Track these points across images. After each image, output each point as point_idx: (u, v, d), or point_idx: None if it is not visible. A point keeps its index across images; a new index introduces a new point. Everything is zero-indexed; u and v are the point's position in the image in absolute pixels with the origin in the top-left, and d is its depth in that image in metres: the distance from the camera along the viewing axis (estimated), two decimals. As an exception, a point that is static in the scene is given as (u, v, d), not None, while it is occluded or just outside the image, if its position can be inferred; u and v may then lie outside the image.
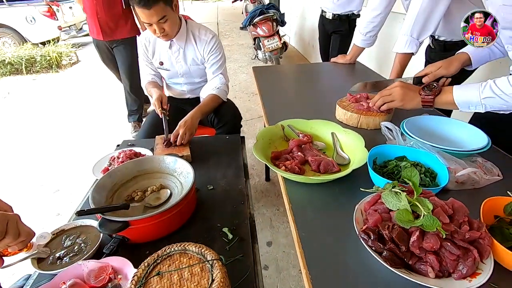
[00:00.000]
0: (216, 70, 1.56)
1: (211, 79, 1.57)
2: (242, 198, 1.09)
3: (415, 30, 1.23)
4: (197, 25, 1.56)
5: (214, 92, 1.51)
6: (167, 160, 1.11)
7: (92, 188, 0.94)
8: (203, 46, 1.53)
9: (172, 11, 1.36)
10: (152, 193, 1.03)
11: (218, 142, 1.47)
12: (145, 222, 0.85)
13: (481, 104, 0.77)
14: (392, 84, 0.92)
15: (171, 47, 1.53)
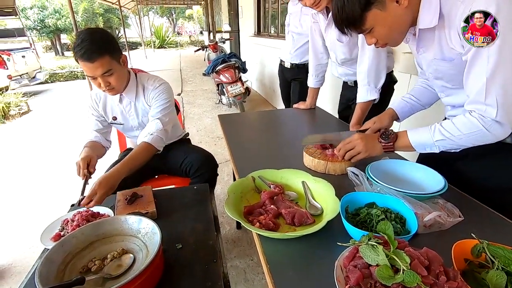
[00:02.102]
0: (155, 114, 1.46)
1: (149, 123, 1.46)
2: (214, 255, 1.02)
3: (371, 79, 1.40)
4: (147, 76, 1.53)
5: (146, 140, 1.38)
6: (130, 220, 1.02)
7: (39, 262, 0.82)
8: (149, 94, 1.48)
9: (118, 65, 1.33)
10: (112, 261, 0.92)
11: (186, 193, 1.41)
12: (104, 299, 0.74)
13: (435, 145, 0.85)
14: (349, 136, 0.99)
15: (122, 101, 1.50)
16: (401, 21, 0.84)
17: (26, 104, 5.36)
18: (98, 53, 1.22)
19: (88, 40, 1.20)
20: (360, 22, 0.82)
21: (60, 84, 8.24)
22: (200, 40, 18.30)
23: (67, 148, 3.58)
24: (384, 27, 0.83)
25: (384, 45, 0.90)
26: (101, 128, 1.55)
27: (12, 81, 6.18)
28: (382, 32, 0.84)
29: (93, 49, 1.21)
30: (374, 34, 0.87)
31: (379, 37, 0.87)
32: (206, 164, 1.57)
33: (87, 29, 1.29)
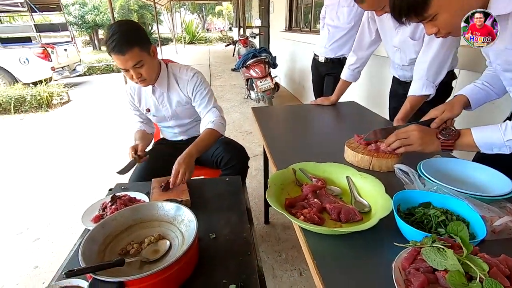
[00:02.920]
0: (206, 105, 1.51)
1: (205, 115, 1.52)
2: (248, 248, 1.00)
3: (430, 74, 1.28)
4: (178, 66, 1.55)
5: (210, 126, 1.45)
6: (167, 206, 1.03)
7: (82, 241, 0.84)
8: (185, 86, 1.50)
9: (148, 56, 1.34)
10: (149, 245, 0.93)
11: (218, 185, 1.40)
12: (142, 282, 0.75)
13: (505, 146, 0.76)
14: (406, 127, 0.91)
15: (154, 92, 1.52)
16: (469, 7, 0.75)
17: (66, 94, 5.69)
18: (128, 45, 1.23)
19: (118, 33, 1.22)
20: (424, 8, 0.75)
21: (97, 76, 8.68)
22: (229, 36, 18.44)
23: (104, 135, 3.75)
24: (449, 13, 0.75)
25: (447, 34, 0.82)
26: (142, 120, 1.63)
27: (55, 72, 6.59)
28: (447, 19, 0.76)
29: (123, 41, 1.22)
30: (437, 21, 0.79)
31: (442, 25, 0.79)
32: (237, 156, 1.55)
33: (116, 22, 1.31)
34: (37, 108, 5.05)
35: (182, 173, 1.23)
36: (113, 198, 1.18)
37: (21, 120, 4.62)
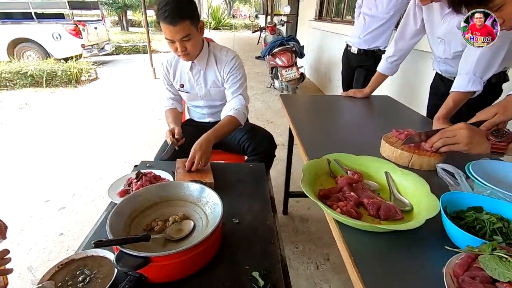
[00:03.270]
0: (235, 90, 1.50)
1: (230, 100, 1.52)
2: (271, 236, 0.98)
3: (479, 69, 1.17)
4: (219, 46, 1.54)
5: (231, 114, 1.44)
6: (192, 187, 1.02)
7: (110, 213, 0.84)
8: (223, 67, 1.49)
9: (196, 31, 1.34)
10: (174, 224, 0.92)
11: (241, 170, 1.38)
12: (168, 260, 0.74)
13: None
14: (454, 125, 0.84)
15: (192, 69, 1.51)
16: None
17: (95, 72, 5.84)
18: (181, 17, 1.22)
19: (172, 3, 1.21)
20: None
21: (124, 56, 8.84)
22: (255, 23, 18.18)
23: (130, 113, 3.83)
24: None
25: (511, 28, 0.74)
26: (174, 96, 1.62)
27: (85, 50, 6.77)
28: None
29: (176, 12, 1.21)
30: (502, 12, 0.71)
31: (509, 16, 0.71)
32: (265, 143, 1.53)
33: None
34: (67, 83, 5.22)
35: (198, 159, 1.22)
36: (138, 175, 1.19)
37: (51, 94, 4.80)
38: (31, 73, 5.05)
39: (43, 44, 6.41)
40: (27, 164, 2.55)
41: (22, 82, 5.04)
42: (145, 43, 9.60)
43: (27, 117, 3.73)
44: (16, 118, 3.67)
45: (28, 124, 3.50)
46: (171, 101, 1.62)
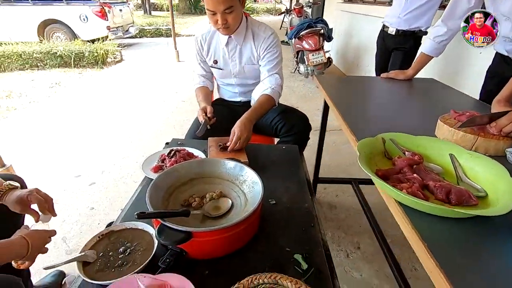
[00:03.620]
0: (271, 68, 1.44)
1: (265, 78, 1.45)
2: (311, 219, 0.93)
3: None
4: (257, 22, 1.48)
5: (267, 93, 1.38)
6: (229, 165, 0.98)
7: (149, 186, 0.82)
8: (260, 43, 1.43)
9: (239, 4, 1.29)
10: (211, 201, 0.90)
11: (274, 152, 1.33)
12: (209, 236, 0.71)
13: None
14: None
15: (228, 44, 1.45)
16: None
17: (120, 54, 5.91)
18: None
19: None
20: None
21: (147, 39, 8.89)
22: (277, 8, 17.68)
23: (155, 94, 3.85)
24: None
25: None
26: (206, 74, 1.58)
27: (110, 32, 6.85)
28: None
29: None
30: None
31: None
32: (300, 124, 1.46)
33: None
34: (94, 64, 5.32)
35: (242, 140, 1.19)
36: (171, 152, 1.17)
37: (79, 74, 4.91)
38: (60, 53, 5.18)
39: (70, 26, 6.53)
40: (59, 140, 2.63)
41: (52, 63, 5.19)
42: (168, 26, 9.61)
43: (58, 96, 3.84)
44: (47, 96, 3.79)
45: (59, 102, 3.60)
46: (202, 79, 1.57)
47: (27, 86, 4.17)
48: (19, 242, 0.74)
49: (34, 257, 0.77)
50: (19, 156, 2.34)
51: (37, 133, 2.76)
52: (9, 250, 0.71)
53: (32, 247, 0.74)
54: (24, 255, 0.73)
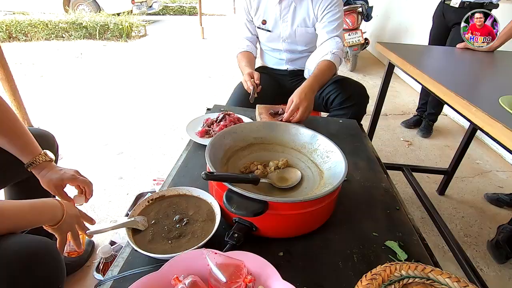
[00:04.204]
0: (331, 30, 1.24)
1: (325, 42, 1.25)
2: (394, 201, 0.77)
3: None
4: None
5: (328, 58, 1.19)
6: (297, 130, 0.82)
7: (208, 145, 0.67)
8: (319, 2, 1.23)
9: None
10: (275, 170, 0.74)
11: (330, 126, 1.16)
12: (289, 209, 0.56)
13: None
14: None
15: (282, 1, 1.25)
16: None
17: (144, 28, 5.77)
18: None
19: None
20: None
21: (170, 17, 8.70)
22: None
23: (179, 69, 3.71)
24: None
25: None
26: (251, 36, 1.41)
27: (134, 6, 6.71)
28: None
29: None
30: None
31: None
32: (357, 96, 1.25)
33: None
34: (118, 37, 5.21)
35: (303, 110, 1.00)
36: (220, 115, 1.02)
37: (104, 46, 4.82)
38: (85, 24, 5.09)
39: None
40: (85, 108, 2.55)
41: (77, 33, 5.11)
42: (191, 3, 9.36)
43: (82, 66, 3.76)
44: (72, 66, 3.72)
45: (83, 72, 3.52)
46: (246, 42, 1.40)
47: (53, 55, 4.12)
48: (53, 203, 0.62)
49: (64, 231, 0.64)
50: (46, 121, 2.27)
51: (63, 101, 2.69)
52: (43, 210, 0.60)
53: (66, 215, 0.63)
54: (59, 219, 0.61)
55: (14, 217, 0.54)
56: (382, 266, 0.35)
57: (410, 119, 2.54)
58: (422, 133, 2.37)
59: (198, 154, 0.90)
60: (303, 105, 1.00)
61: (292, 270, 0.55)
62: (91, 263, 1.18)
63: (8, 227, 0.53)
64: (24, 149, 0.73)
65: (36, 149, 0.75)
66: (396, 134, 2.40)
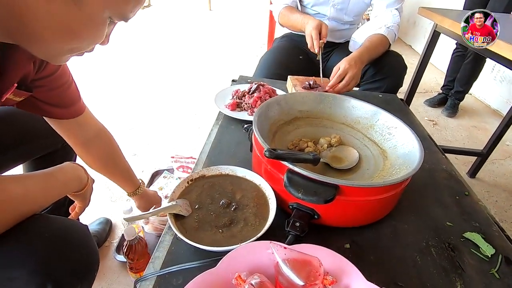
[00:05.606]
0: (392, 2, 1.09)
1: (382, 13, 1.10)
2: (461, 186, 0.67)
3: None
4: None
5: (382, 32, 1.05)
6: (352, 103, 0.71)
7: (255, 117, 0.57)
8: None
9: None
10: (328, 149, 0.64)
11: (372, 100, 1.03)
12: (360, 194, 0.47)
13: None
14: None
15: None
16: None
17: (147, -2, 5.48)
18: None
19: None
20: None
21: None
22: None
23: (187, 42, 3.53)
24: None
25: None
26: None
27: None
28: None
29: None
30: None
31: None
32: (394, 65, 1.10)
33: None
34: (121, 7, 4.95)
35: (349, 77, 0.89)
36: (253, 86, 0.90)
37: (106, 17, 4.58)
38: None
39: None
40: (90, 84, 2.42)
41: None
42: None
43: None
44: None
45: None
46: None
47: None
48: (74, 166, 0.56)
49: (88, 196, 0.62)
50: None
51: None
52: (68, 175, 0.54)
53: (90, 178, 0.60)
54: (85, 183, 0.58)
55: (39, 193, 0.46)
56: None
57: (434, 97, 2.39)
58: (448, 112, 2.24)
59: (231, 128, 0.80)
60: (352, 72, 0.89)
61: (363, 266, 0.46)
62: (110, 243, 1.12)
63: (35, 207, 0.46)
64: (127, 183, 0.87)
65: (136, 181, 0.89)
66: (420, 113, 2.27)
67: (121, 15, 0.38)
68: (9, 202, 0.42)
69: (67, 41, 0.36)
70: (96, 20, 0.35)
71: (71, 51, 0.39)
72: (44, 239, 0.44)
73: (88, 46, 0.40)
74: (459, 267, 0.48)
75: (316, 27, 0.97)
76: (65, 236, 0.46)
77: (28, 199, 0.45)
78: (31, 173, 0.49)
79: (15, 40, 0.35)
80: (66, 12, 0.32)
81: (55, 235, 0.45)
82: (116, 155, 0.81)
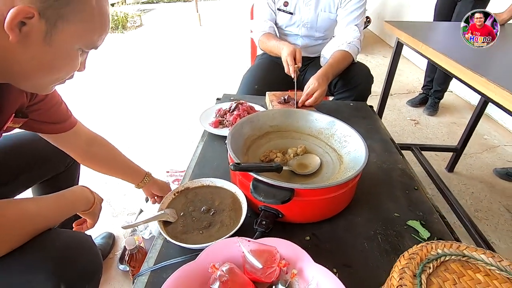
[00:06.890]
0: (352, 20, 1.21)
1: (343, 30, 1.23)
2: (411, 182, 0.78)
3: None
4: None
5: (344, 48, 1.17)
6: (313, 117, 0.82)
7: (229, 135, 0.68)
8: None
9: None
10: (295, 157, 0.75)
11: (342, 108, 1.16)
12: (313, 195, 0.58)
13: None
14: None
15: None
16: None
17: (139, 18, 5.66)
18: None
19: None
20: None
21: (163, 4, 8.49)
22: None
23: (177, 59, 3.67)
24: None
25: None
26: (272, 19, 1.34)
27: (127, -5, 6.55)
28: None
29: None
30: None
31: None
32: (361, 76, 1.21)
33: None
34: (114, 29, 5.12)
35: (318, 95, 1.00)
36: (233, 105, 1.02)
37: (100, 39, 4.74)
38: (79, 17, 4.98)
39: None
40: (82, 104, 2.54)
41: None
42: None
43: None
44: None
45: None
46: (269, 24, 1.32)
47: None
48: (81, 189, 0.67)
49: (97, 213, 0.71)
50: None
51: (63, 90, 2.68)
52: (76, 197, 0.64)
53: (97, 198, 0.70)
54: (92, 202, 0.67)
55: (51, 212, 0.56)
56: (418, 246, 0.37)
57: (415, 98, 2.52)
58: (429, 111, 2.36)
59: (214, 144, 0.91)
60: (320, 90, 1.01)
61: (320, 253, 0.57)
62: (113, 255, 1.22)
63: (49, 224, 0.55)
64: (132, 176, 0.92)
65: (141, 170, 0.94)
66: (402, 114, 2.39)
67: (90, 45, 0.47)
68: (26, 220, 0.52)
69: (48, 75, 0.46)
70: (70, 54, 0.45)
71: (54, 81, 0.48)
72: (56, 248, 0.53)
73: (67, 75, 0.49)
74: (399, 249, 0.59)
75: (290, 53, 1.06)
76: (73, 244, 0.56)
77: (41, 217, 0.54)
78: (43, 196, 0.60)
79: (6, 80, 0.45)
80: (42, 53, 0.41)
81: (65, 244, 0.54)
82: (116, 153, 0.87)
